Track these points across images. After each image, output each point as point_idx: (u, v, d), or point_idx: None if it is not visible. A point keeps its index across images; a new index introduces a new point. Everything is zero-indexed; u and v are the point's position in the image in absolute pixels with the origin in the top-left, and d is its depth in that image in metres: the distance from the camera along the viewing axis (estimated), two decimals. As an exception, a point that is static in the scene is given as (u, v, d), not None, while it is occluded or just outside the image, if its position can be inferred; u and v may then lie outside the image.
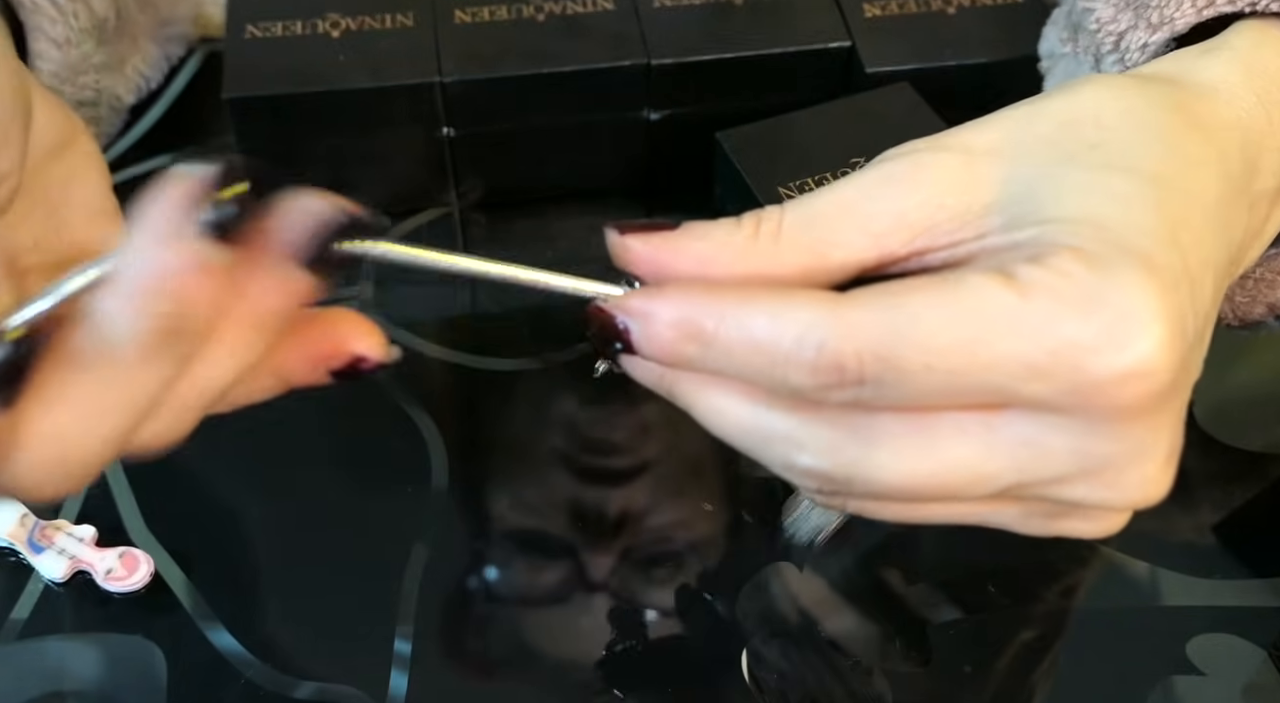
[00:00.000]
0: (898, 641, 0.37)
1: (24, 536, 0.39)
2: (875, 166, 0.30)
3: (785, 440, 0.28)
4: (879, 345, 0.26)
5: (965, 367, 0.25)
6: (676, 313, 0.28)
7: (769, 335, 0.26)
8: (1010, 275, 0.26)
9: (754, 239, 0.30)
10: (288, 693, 0.36)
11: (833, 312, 0.26)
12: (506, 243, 0.49)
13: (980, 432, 0.27)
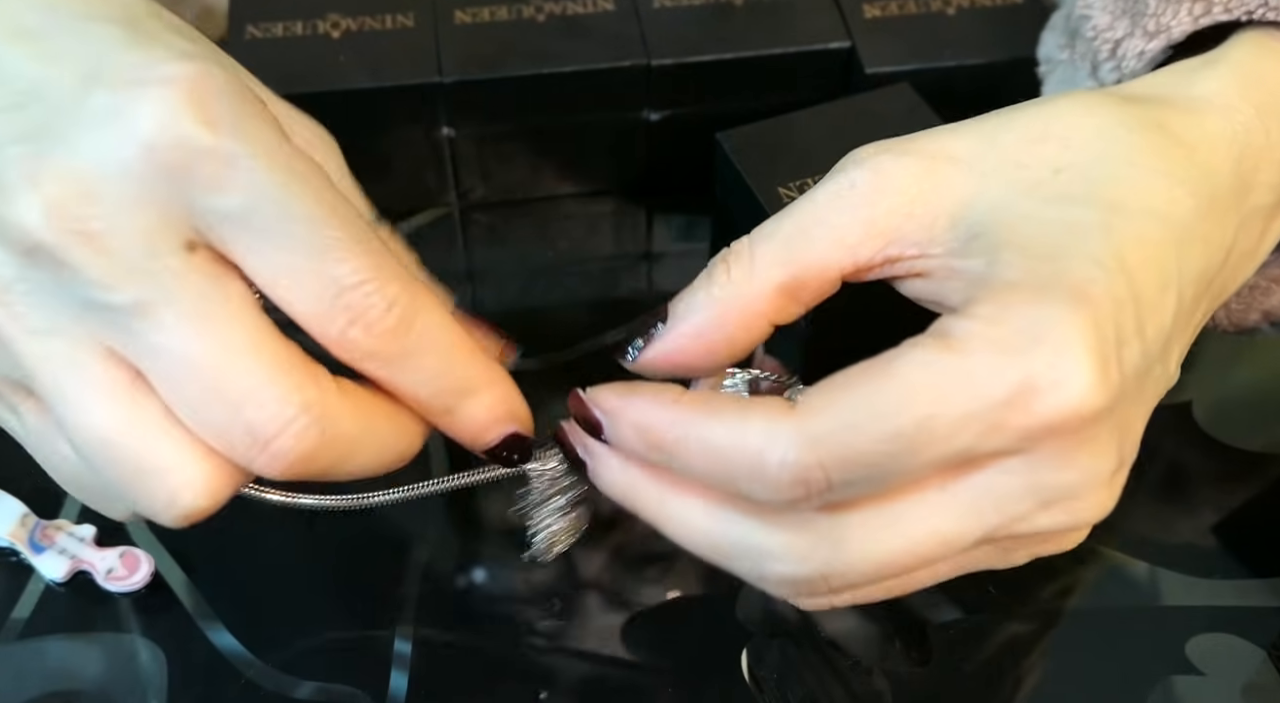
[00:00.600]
0: (898, 641, 0.37)
1: (25, 535, 0.39)
2: (837, 176, 0.31)
3: (756, 551, 0.28)
4: (840, 448, 0.26)
5: (926, 442, 0.26)
6: (640, 420, 0.29)
7: (729, 452, 0.27)
8: (945, 336, 0.27)
9: (728, 284, 0.31)
10: (288, 693, 0.36)
11: (790, 425, 0.27)
12: (506, 243, 0.49)
13: (943, 499, 0.27)
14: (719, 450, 0.27)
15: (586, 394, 0.31)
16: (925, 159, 0.30)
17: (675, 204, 0.51)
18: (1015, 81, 0.47)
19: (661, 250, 0.50)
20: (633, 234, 0.50)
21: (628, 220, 0.50)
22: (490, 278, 0.48)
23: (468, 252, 0.49)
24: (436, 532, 0.40)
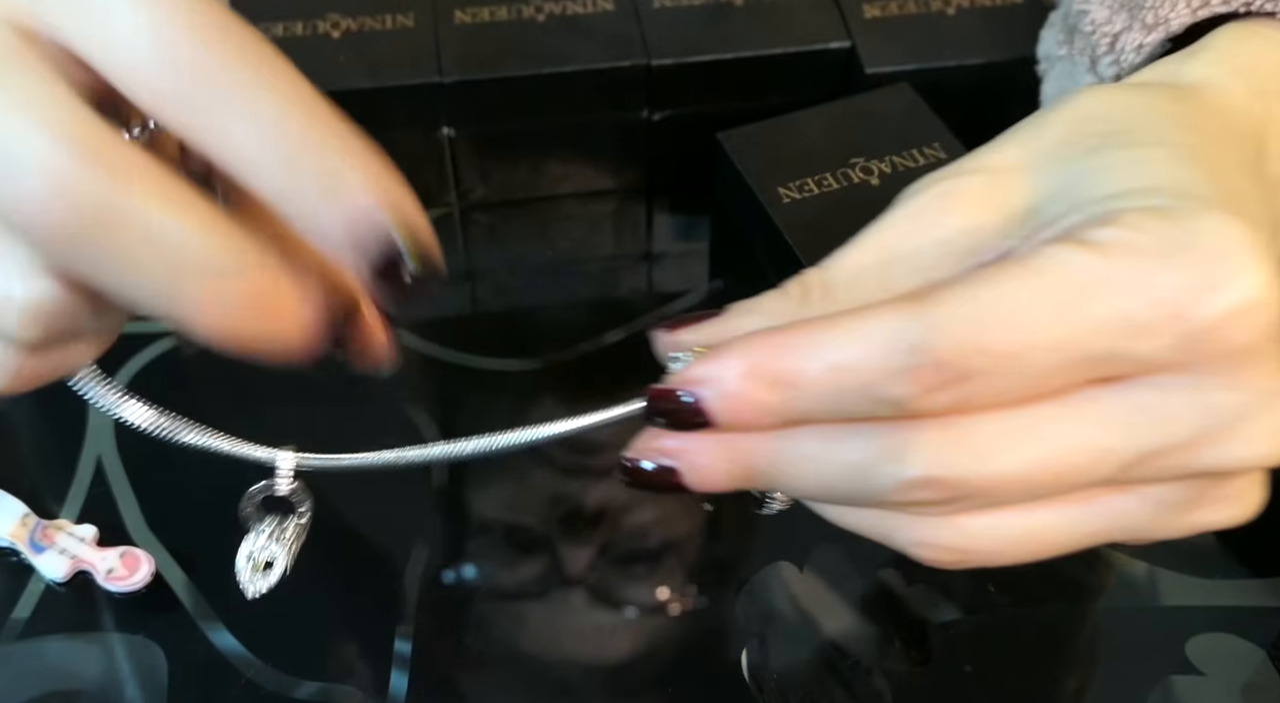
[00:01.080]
0: (898, 641, 0.37)
1: (25, 535, 0.39)
2: (900, 206, 0.29)
3: (891, 459, 0.25)
4: (974, 335, 0.24)
5: (1066, 338, 0.24)
6: (747, 363, 0.25)
7: (855, 354, 0.24)
8: (1084, 241, 0.24)
9: (804, 304, 0.28)
10: (288, 693, 0.36)
11: (915, 312, 0.24)
12: (506, 243, 0.49)
13: (1091, 407, 0.25)
14: (844, 355, 0.24)
15: (679, 376, 0.27)
16: (982, 174, 0.29)
17: (675, 204, 0.51)
18: (1015, 81, 0.47)
19: (661, 250, 0.50)
20: (633, 234, 0.50)
21: (628, 220, 0.50)
22: (490, 278, 0.48)
23: (468, 252, 0.49)
24: (436, 532, 0.40)
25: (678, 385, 0.26)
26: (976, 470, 0.25)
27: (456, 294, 0.48)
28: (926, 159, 0.42)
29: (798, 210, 0.41)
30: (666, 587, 0.39)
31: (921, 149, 0.42)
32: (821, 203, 0.41)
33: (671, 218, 0.51)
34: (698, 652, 0.37)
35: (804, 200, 0.41)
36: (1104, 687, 0.37)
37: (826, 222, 0.40)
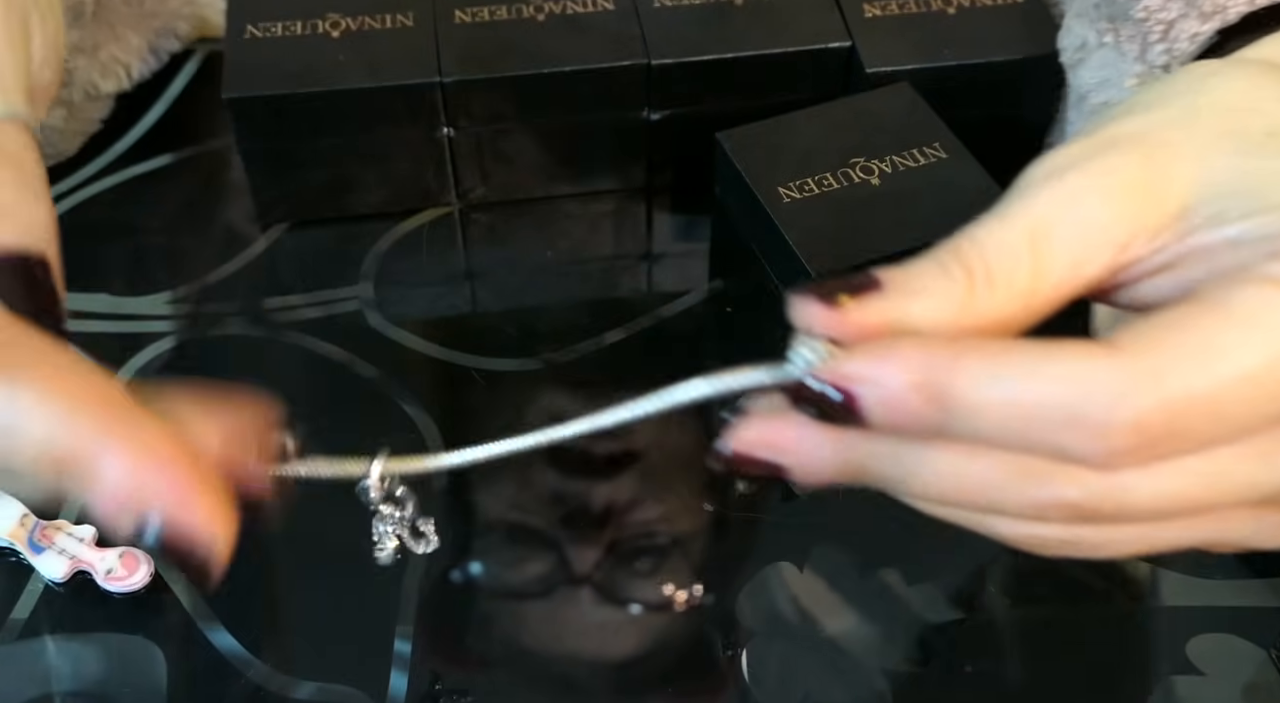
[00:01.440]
0: (898, 641, 0.37)
1: (24, 535, 0.39)
2: (1052, 180, 0.26)
3: (1034, 484, 0.24)
4: (1185, 405, 0.23)
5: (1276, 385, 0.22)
6: (919, 374, 0.24)
7: (1043, 396, 0.23)
8: (1276, 278, 0.23)
9: (971, 290, 0.25)
10: (288, 693, 0.36)
11: (1119, 369, 0.23)
12: (506, 243, 0.49)
13: (1255, 447, 0.24)
14: (1027, 400, 0.23)
15: (831, 371, 0.25)
16: (1137, 148, 0.26)
17: (675, 204, 0.51)
18: (1016, 80, 0.47)
19: (661, 250, 0.50)
20: (633, 234, 0.50)
21: (628, 220, 0.50)
22: (490, 278, 0.48)
23: (468, 252, 0.49)
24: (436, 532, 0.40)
25: (833, 380, 0.25)
26: (1121, 502, 0.24)
27: (457, 294, 0.48)
28: (926, 159, 0.42)
29: (798, 210, 0.40)
30: (666, 587, 0.39)
31: (921, 149, 0.42)
32: (821, 203, 0.41)
33: (671, 218, 0.51)
34: (698, 652, 0.37)
35: (804, 200, 0.41)
36: (1104, 687, 0.37)
37: (826, 222, 0.40)
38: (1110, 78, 0.41)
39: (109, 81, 0.51)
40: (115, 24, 0.50)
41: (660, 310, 0.47)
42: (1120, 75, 0.40)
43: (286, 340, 0.45)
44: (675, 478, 0.41)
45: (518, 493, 0.41)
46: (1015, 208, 0.26)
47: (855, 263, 0.39)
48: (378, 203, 0.50)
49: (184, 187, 0.51)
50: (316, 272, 0.48)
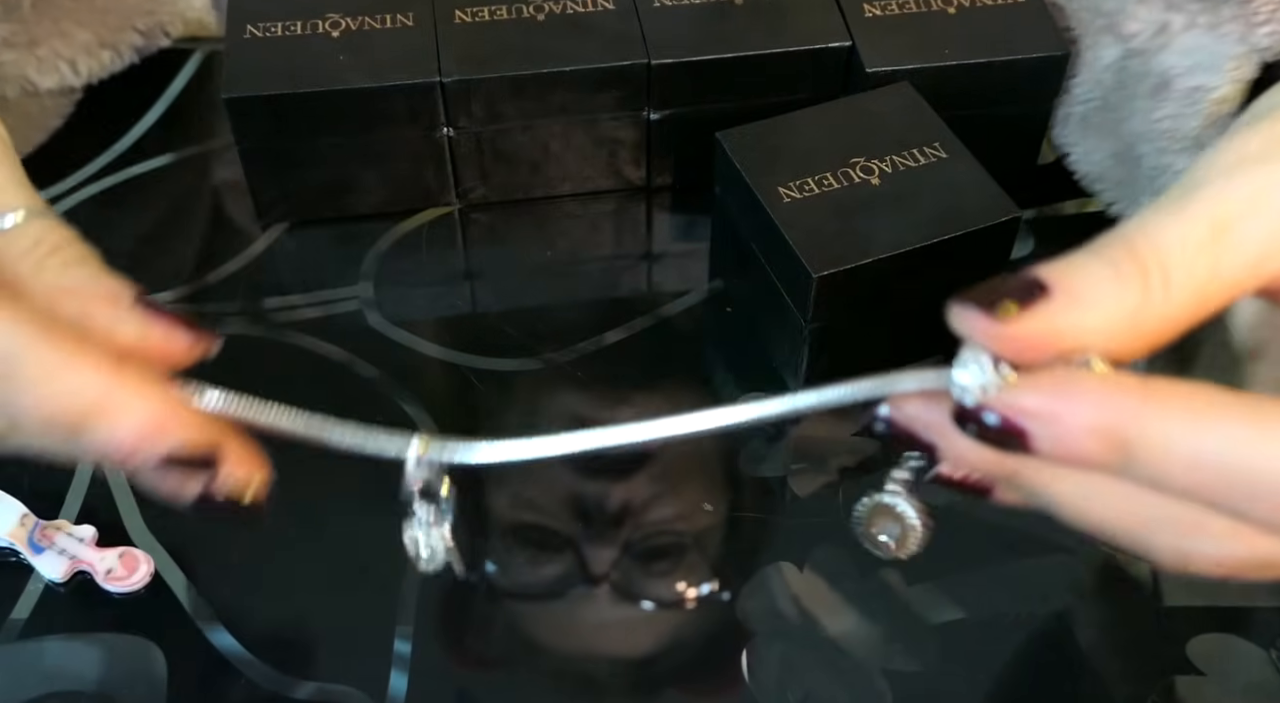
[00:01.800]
0: (898, 641, 0.37)
1: (24, 535, 0.39)
2: (1235, 174, 0.25)
3: (1209, 532, 0.23)
4: None
5: None
6: (1100, 419, 0.23)
7: (1240, 459, 0.22)
8: None
9: (1147, 294, 0.24)
10: (288, 693, 0.36)
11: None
12: (506, 243, 0.49)
13: None
14: (1223, 462, 0.22)
15: (1007, 401, 0.24)
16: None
17: (675, 204, 0.51)
18: (1015, 81, 0.47)
19: (661, 250, 0.50)
20: (633, 234, 0.50)
21: (628, 220, 0.50)
22: (490, 278, 0.48)
23: (468, 252, 0.49)
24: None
25: (1005, 413, 0.24)
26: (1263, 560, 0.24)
27: (456, 294, 0.48)
28: (927, 159, 0.42)
29: (798, 210, 0.40)
30: (665, 587, 0.39)
31: (922, 149, 0.42)
32: (821, 203, 0.41)
33: (671, 218, 0.51)
34: (698, 652, 0.37)
35: (804, 200, 0.41)
36: (1104, 687, 0.37)
37: (826, 222, 0.40)
38: (1203, 62, 0.40)
39: (48, 77, 0.50)
40: (59, 19, 0.49)
41: (660, 310, 0.47)
42: (1217, 59, 0.40)
43: (286, 340, 0.45)
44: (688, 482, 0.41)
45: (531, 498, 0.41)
46: (1195, 200, 0.24)
47: (855, 263, 0.39)
48: (378, 203, 0.50)
49: (184, 187, 0.51)
50: (316, 272, 0.48)
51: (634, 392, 0.44)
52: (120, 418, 0.26)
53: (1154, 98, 0.43)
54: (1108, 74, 0.45)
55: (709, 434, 0.28)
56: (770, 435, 0.42)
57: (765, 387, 0.44)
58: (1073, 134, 0.49)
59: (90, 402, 0.26)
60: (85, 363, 0.26)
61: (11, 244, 0.27)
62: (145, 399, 0.26)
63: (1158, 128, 0.43)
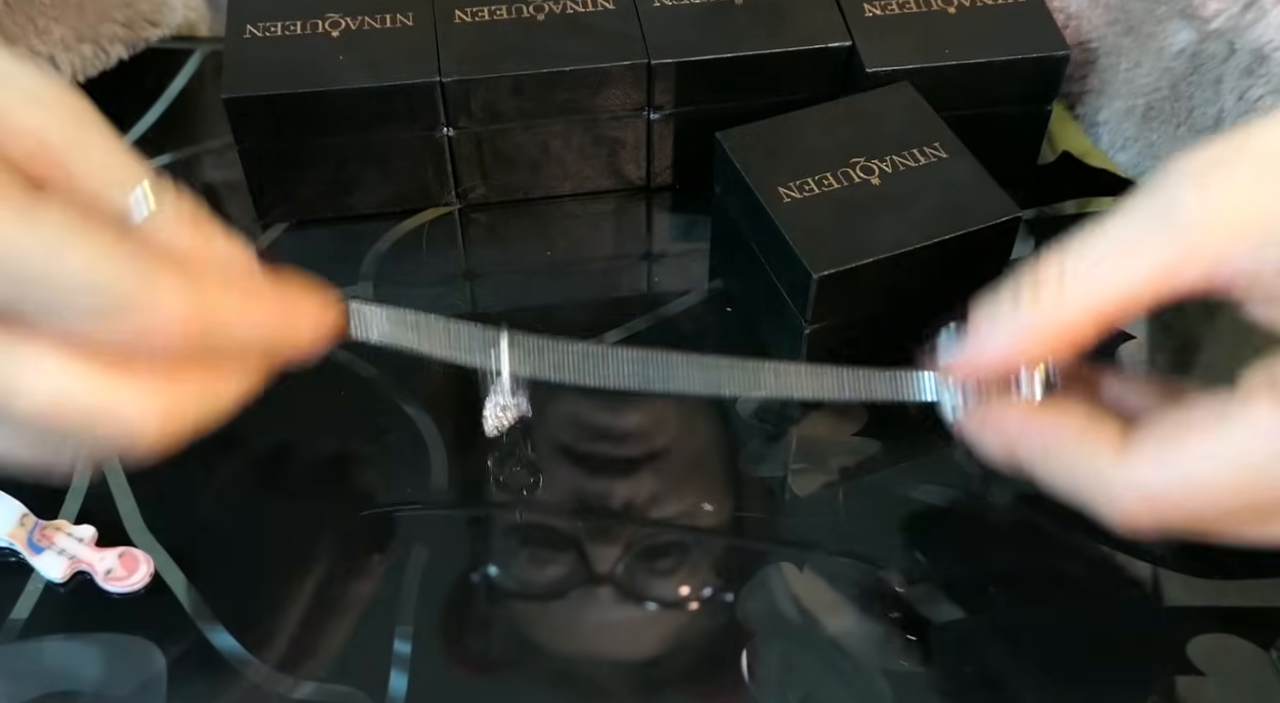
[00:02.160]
0: (898, 641, 0.37)
1: (24, 536, 0.39)
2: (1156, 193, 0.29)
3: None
4: (1164, 502, 0.29)
5: (1244, 505, 0.28)
6: (999, 449, 0.33)
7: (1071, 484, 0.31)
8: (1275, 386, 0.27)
9: (1035, 308, 0.31)
10: (288, 693, 0.36)
11: (1122, 466, 0.29)
12: (506, 243, 0.49)
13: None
14: (1065, 483, 0.31)
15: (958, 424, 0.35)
16: (1255, 167, 0.27)
17: (675, 204, 0.51)
18: (1015, 81, 0.47)
19: (661, 250, 0.50)
20: (633, 234, 0.50)
21: (628, 220, 0.50)
22: (490, 278, 0.48)
23: (468, 252, 0.49)
24: (436, 531, 0.40)
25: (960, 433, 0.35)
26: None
27: (457, 294, 0.48)
28: (927, 159, 0.42)
29: (798, 210, 0.40)
30: (665, 586, 0.39)
31: (922, 149, 0.42)
32: (821, 203, 0.41)
33: (671, 218, 0.51)
34: (698, 652, 0.37)
35: (804, 200, 0.41)
36: (1104, 687, 0.37)
37: (826, 222, 0.40)
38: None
39: None
40: (34, 15, 0.49)
41: (660, 310, 0.47)
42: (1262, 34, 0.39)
43: (286, 340, 0.45)
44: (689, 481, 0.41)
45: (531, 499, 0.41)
46: (1115, 218, 0.30)
47: (855, 263, 0.39)
48: (378, 203, 0.50)
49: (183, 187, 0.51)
50: (316, 272, 0.48)
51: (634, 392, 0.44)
52: (304, 326, 0.32)
53: (1248, 77, 0.41)
54: (1179, 61, 0.44)
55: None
56: (770, 435, 0.42)
57: (765, 387, 0.44)
58: (1132, 128, 0.47)
59: (282, 324, 0.31)
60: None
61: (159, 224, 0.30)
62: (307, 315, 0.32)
63: (1258, 107, 0.41)
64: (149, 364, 0.28)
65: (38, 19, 0.49)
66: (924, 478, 0.41)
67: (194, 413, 0.30)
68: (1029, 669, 0.37)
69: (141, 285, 0.27)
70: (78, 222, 0.27)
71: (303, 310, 0.32)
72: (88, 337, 0.27)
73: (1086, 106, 0.49)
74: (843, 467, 0.42)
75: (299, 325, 0.32)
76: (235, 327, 0.29)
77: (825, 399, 0.36)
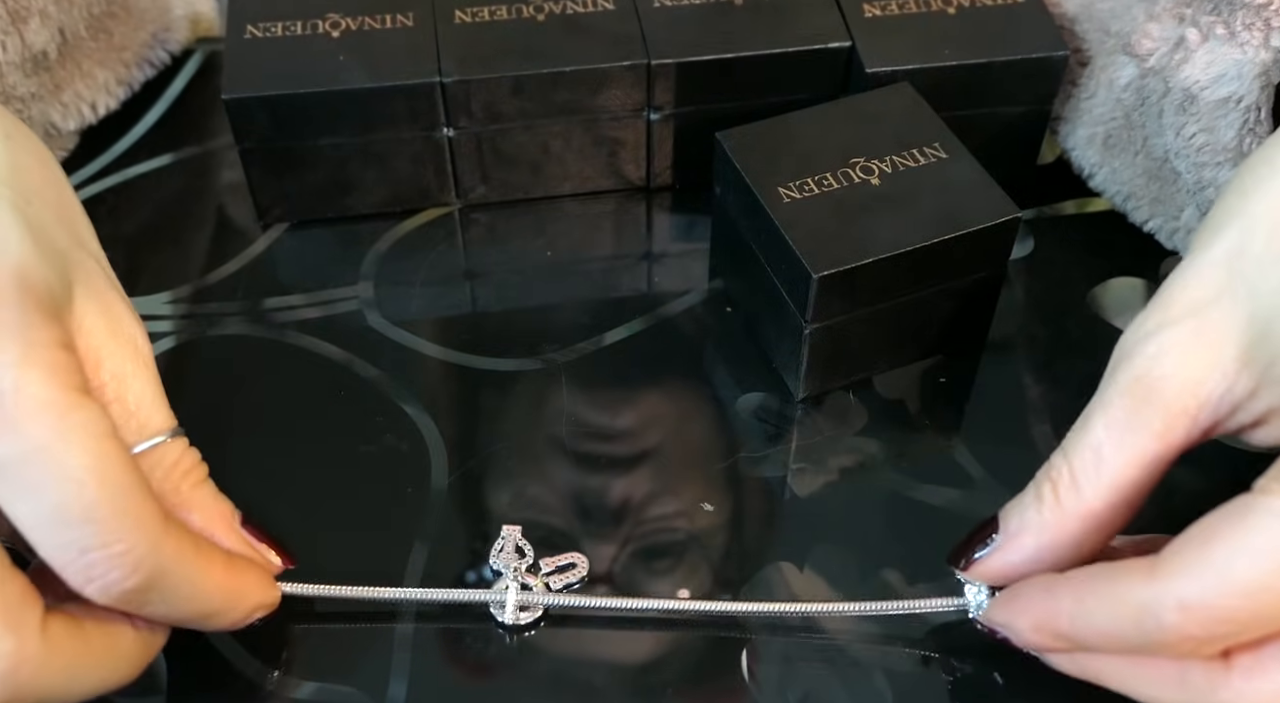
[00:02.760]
0: (897, 640, 0.37)
1: (24, 536, 0.39)
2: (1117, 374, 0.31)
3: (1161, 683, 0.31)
4: (1210, 609, 0.28)
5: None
6: (1032, 622, 0.32)
7: (1113, 623, 0.30)
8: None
9: (1058, 507, 0.32)
10: (288, 693, 0.36)
11: (1156, 586, 0.28)
12: (506, 243, 0.49)
13: None
14: (1107, 628, 0.30)
15: (983, 618, 0.35)
16: (1188, 322, 0.30)
17: (675, 204, 0.51)
18: (1015, 81, 0.47)
19: (661, 250, 0.50)
20: (633, 234, 0.50)
21: (628, 220, 0.50)
22: (490, 278, 0.48)
23: (468, 252, 0.49)
24: (436, 531, 0.40)
25: (988, 627, 0.35)
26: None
27: (456, 294, 0.48)
28: (926, 159, 0.42)
29: (798, 210, 0.41)
30: (666, 587, 0.39)
31: (921, 149, 0.42)
32: (821, 203, 0.41)
33: (671, 218, 0.51)
34: (698, 652, 0.37)
35: (804, 200, 0.41)
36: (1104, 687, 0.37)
37: (826, 222, 0.40)
38: (1228, 72, 0.40)
39: (70, 120, 0.50)
40: (82, 61, 0.49)
41: (660, 310, 0.47)
42: (1240, 65, 0.40)
43: (286, 340, 0.45)
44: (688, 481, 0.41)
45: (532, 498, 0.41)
46: (1094, 406, 0.31)
47: (855, 263, 0.39)
48: (378, 203, 0.50)
49: (184, 186, 0.51)
50: (316, 272, 0.48)
51: (634, 392, 0.44)
52: (241, 608, 0.34)
53: (1182, 114, 0.42)
54: (1128, 93, 0.45)
55: None
56: (770, 435, 0.42)
57: (765, 387, 0.44)
58: (1096, 155, 0.48)
59: (222, 602, 0.33)
60: (223, 574, 0.33)
61: (157, 463, 0.33)
62: (248, 599, 0.34)
63: (1192, 144, 0.42)
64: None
65: (84, 63, 0.49)
66: (924, 478, 0.41)
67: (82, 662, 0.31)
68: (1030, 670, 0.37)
69: (133, 524, 0.29)
70: (113, 443, 0.29)
71: (249, 591, 0.34)
72: (48, 553, 0.29)
73: (1059, 131, 0.49)
74: (843, 467, 0.42)
75: (238, 606, 0.34)
76: (181, 586, 0.31)
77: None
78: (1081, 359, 0.45)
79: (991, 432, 0.43)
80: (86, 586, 0.29)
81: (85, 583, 0.29)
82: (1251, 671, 0.29)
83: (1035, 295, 0.47)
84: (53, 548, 0.28)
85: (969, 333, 0.45)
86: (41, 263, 0.29)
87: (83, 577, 0.29)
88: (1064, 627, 0.31)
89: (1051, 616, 0.31)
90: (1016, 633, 0.33)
